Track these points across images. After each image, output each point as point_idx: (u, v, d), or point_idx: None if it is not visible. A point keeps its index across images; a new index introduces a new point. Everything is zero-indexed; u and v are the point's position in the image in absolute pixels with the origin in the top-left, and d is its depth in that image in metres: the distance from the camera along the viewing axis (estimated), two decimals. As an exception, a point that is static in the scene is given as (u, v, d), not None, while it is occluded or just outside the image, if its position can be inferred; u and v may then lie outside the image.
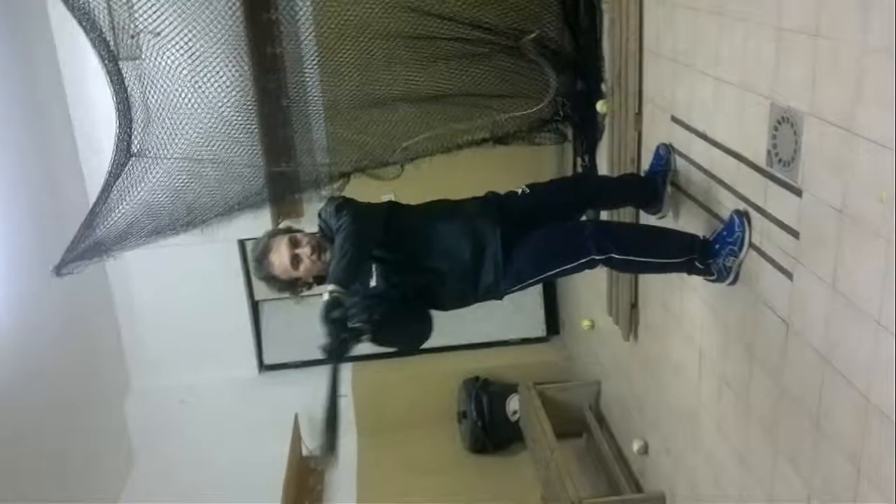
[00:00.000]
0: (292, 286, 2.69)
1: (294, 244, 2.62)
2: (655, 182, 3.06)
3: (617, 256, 2.58)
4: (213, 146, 3.72)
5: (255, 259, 2.71)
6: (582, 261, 2.60)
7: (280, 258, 2.62)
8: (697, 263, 2.60)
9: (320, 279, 2.63)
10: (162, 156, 3.61)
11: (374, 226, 2.60)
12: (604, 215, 3.55)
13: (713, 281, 2.64)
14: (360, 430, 5.12)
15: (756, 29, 2.31)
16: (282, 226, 3.40)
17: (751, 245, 2.47)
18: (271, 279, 2.68)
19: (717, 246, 2.56)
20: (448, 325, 5.11)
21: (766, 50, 2.26)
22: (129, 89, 3.48)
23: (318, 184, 4.09)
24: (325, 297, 2.35)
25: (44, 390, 4.15)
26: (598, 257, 2.58)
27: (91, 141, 4.62)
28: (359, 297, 2.46)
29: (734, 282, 2.59)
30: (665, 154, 3.05)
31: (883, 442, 1.89)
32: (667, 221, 3.11)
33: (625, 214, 3.46)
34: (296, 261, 2.60)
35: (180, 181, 3.72)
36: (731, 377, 2.72)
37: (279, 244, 2.63)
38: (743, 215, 2.49)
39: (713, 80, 2.63)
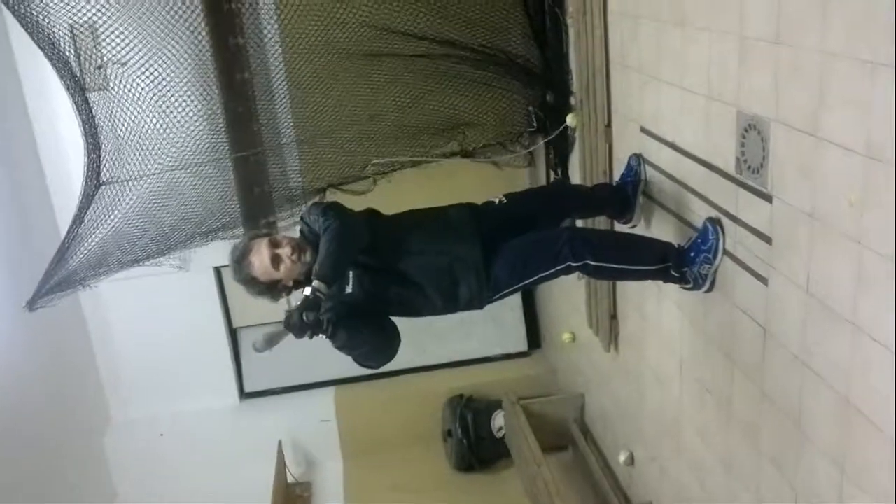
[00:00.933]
0: (272, 289, 2.64)
1: (274, 245, 2.60)
2: (626, 192, 3.09)
3: (592, 263, 2.59)
4: (184, 171, 3.70)
5: (234, 261, 2.65)
6: (559, 267, 2.61)
7: (260, 259, 2.58)
8: (672, 272, 2.62)
9: (299, 283, 2.61)
10: (133, 179, 3.58)
11: (360, 227, 2.63)
12: (579, 223, 3.57)
13: (689, 289, 2.66)
14: (346, 453, 5.08)
15: (719, 38, 2.34)
16: (261, 231, 3.39)
17: (725, 252, 2.49)
18: (251, 281, 2.63)
19: (691, 254, 2.58)
20: (430, 344, 5.17)
21: (730, 59, 2.28)
22: (96, 118, 3.45)
23: (293, 202, 4.08)
24: (307, 291, 2.36)
25: (21, 428, 4.07)
26: (574, 264, 2.59)
27: (60, 171, 4.57)
28: (334, 300, 2.46)
29: (710, 289, 2.60)
30: (635, 164, 3.08)
31: (864, 442, 1.90)
32: (640, 230, 3.12)
33: (599, 223, 3.48)
34: (276, 261, 2.57)
35: (152, 206, 3.70)
36: (712, 384, 2.73)
37: (259, 245, 2.61)
38: (716, 222, 2.51)
39: (680, 90, 2.65)
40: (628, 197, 3.08)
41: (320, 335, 2.42)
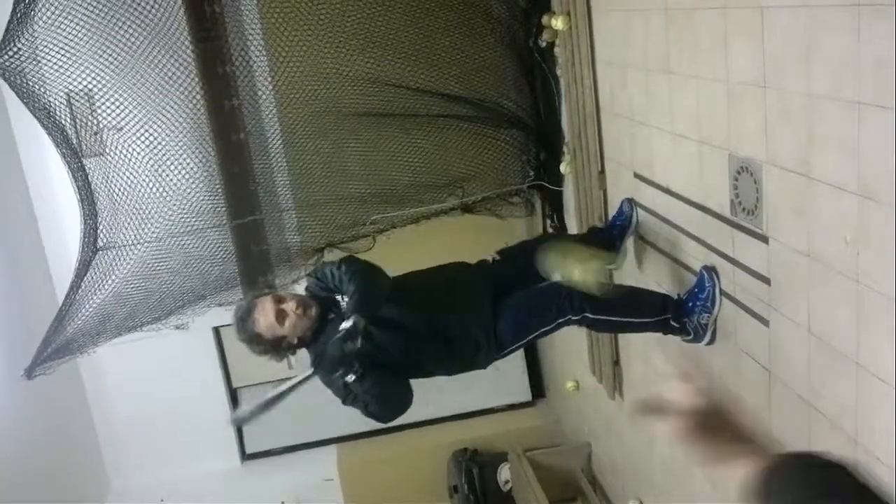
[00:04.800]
0: (276, 346, 2.60)
1: (279, 301, 2.58)
2: (611, 234, 3.10)
3: (591, 316, 2.61)
4: (181, 233, 3.72)
5: (238, 319, 2.62)
6: (559, 321, 2.63)
7: (265, 315, 2.55)
8: (672, 322, 2.62)
9: (303, 341, 2.60)
10: (130, 245, 3.58)
11: (384, 274, 2.66)
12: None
13: (690, 341, 2.64)
14: (350, 513, 4.99)
15: (706, 84, 2.37)
16: (264, 290, 3.38)
17: (723, 295, 2.48)
18: (255, 338, 2.59)
19: (689, 304, 2.58)
20: (432, 397, 5.12)
21: (719, 103, 2.31)
22: (93, 184, 3.47)
23: (291, 262, 4.08)
24: (347, 324, 2.37)
25: (19, 498, 3.99)
26: (573, 317, 2.61)
27: (57, 238, 4.59)
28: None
29: (712, 341, 2.58)
30: (627, 210, 3.10)
31: (874, 483, 1.86)
32: (635, 275, 3.12)
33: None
34: (281, 316, 2.54)
35: (150, 270, 3.69)
36: (720, 429, 2.69)
37: (263, 302, 2.58)
38: (711, 270, 2.52)
39: (671, 135, 2.68)
40: (613, 239, 3.08)
41: (349, 376, 2.41)
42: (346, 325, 2.37)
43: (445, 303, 2.68)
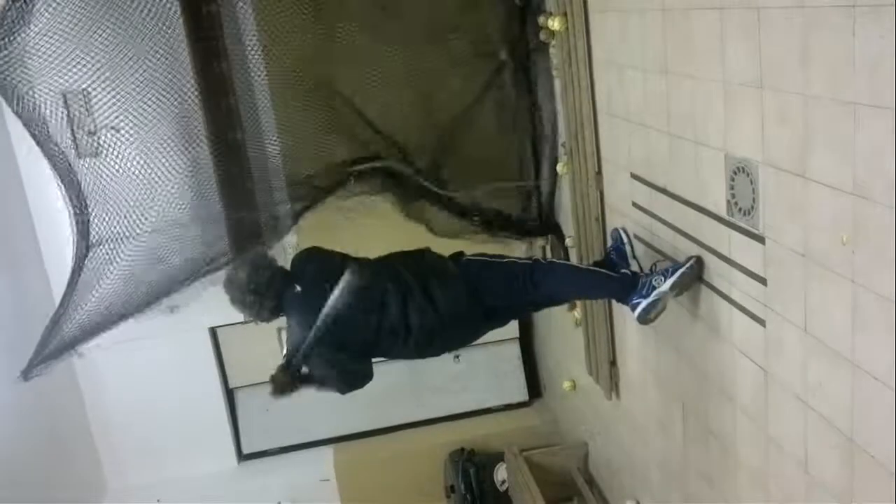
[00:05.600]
0: (267, 287, 2.84)
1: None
2: (612, 264, 3.08)
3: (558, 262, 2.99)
4: (175, 228, 3.71)
5: (228, 277, 2.89)
6: (527, 261, 2.95)
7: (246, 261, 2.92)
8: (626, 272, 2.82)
9: (279, 308, 2.88)
10: (124, 237, 3.58)
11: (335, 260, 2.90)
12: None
13: (636, 303, 2.69)
14: (347, 514, 4.99)
15: (703, 85, 2.38)
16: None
17: (718, 295, 2.49)
18: (244, 282, 2.84)
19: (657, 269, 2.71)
20: (429, 397, 5.13)
21: (715, 104, 2.32)
22: (82, 183, 3.46)
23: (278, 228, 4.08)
24: (348, 275, 2.66)
25: (16, 500, 3.98)
26: (543, 260, 3.03)
27: (53, 238, 4.55)
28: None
29: (647, 311, 2.66)
30: (616, 236, 3.15)
31: (870, 482, 1.87)
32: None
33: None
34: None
35: (144, 262, 3.68)
36: (717, 429, 2.70)
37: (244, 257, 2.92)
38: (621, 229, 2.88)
39: (667, 136, 2.69)
40: (616, 267, 3.02)
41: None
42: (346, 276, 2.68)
43: (388, 287, 2.82)
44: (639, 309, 2.67)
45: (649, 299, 2.64)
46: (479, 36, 3.87)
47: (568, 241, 3.91)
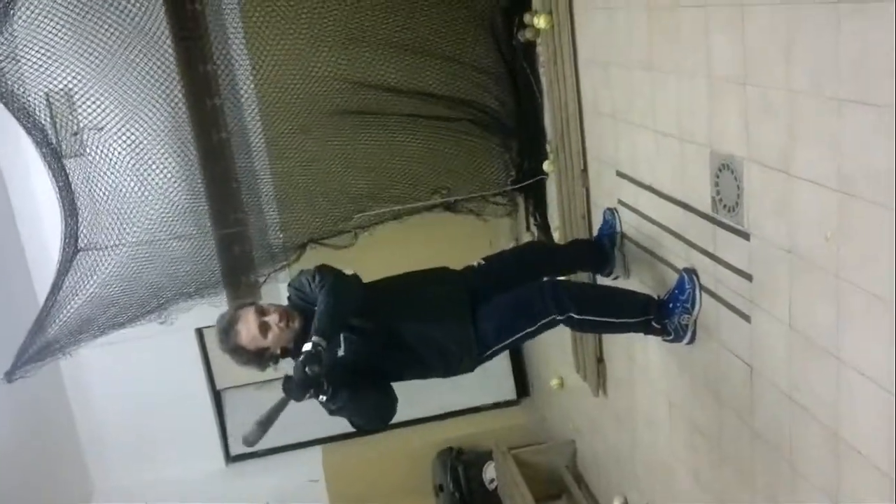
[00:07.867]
0: (259, 357, 2.60)
1: (261, 313, 2.57)
2: (602, 245, 3.13)
3: (576, 316, 2.61)
4: (163, 233, 3.69)
5: (221, 330, 2.62)
6: (543, 321, 2.63)
7: (248, 327, 2.54)
8: (654, 323, 2.64)
9: (287, 351, 2.59)
10: (111, 246, 3.55)
11: (355, 283, 2.63)
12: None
13: (671, 341, 2.66)
14: (336, 513, 4.97)
15: (687, 80, 2.38)
16: (247, 300, 3.36)
17: (704, 292, 2.49)
18: (238, 350, 2.59)
19: (670, 305, 2.60)
20: (417, 396, 5.09)
21: (700, 100, 2.32)
22: (73, 185, 3.44)
23: (274, 260, 4.07)
24: (307, 347, 2.34)
25: (2, 501, 3.95)
26: (558, 317, 2.61)
27: (37, 239, 4.53)
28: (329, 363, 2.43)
29: (692, 341, 2.61)
30: (610, 218, 3.13)
31: (855, 475, 1.88)
32: (622, 279, 3.13)
33: (581, 277, 3.48)
34: (264, 328, 2.54)
35: (132, 270, 3.67)
36: (703, 425, 2.71)
37: (246, 313, 2.57)
38: (691, 272, 2.54)
39: (653, 132, 2.69)
40: (605, 250, 3.11)
41: (320, 397, 2.40)
42: (307, 346, 2.35)
43: (406, 311, 2.67)
44: (684, 341, 2.63)
45: (689, 334, 2.60)
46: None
47: (555, 235, 3.89)
